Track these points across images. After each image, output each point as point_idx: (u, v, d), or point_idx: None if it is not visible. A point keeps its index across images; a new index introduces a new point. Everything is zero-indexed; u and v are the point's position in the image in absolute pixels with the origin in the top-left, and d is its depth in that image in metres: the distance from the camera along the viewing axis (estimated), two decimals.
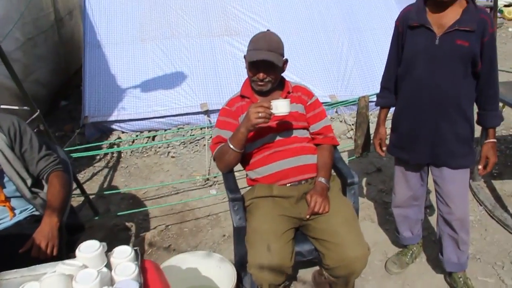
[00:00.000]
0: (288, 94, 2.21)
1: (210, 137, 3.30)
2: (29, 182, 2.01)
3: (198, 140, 4.27)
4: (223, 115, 2.21)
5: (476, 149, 2.27)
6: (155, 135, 4.25)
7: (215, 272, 2.23)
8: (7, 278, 1.41)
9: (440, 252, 2.42)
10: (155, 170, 3.93)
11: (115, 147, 4.17)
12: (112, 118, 4.15)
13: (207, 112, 4.28)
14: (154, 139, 4.24)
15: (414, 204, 2.47)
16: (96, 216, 3.19)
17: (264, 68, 2.06)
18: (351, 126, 4.34)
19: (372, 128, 2.64)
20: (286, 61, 2.18)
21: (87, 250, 1.37)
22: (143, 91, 4.27)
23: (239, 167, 2.27)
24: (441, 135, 2.12)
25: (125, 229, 3.08)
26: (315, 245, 2.03)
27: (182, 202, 3.37)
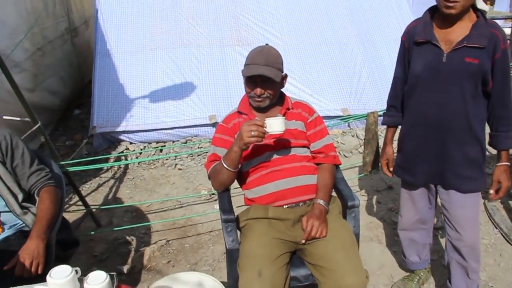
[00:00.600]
0: (287, 110, 2.12)
1: None
2: (20, 197, 1.97)
3: (206, 152, 4.22)
4: (219, 132, 2.14)
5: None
6: (163, 146, 4.21)
7: None
8: None
9: (448, 279, 2.29)
10: (161, 182, 3.88)
11: (123, 158, 4.14)
12: (120, 129, 4.13)
13: (216, 125, 4.22)
14: (162, 150, 4.20)
15: (422, 227, 2.35)
16: (98, 228, 3.15)
17: (262, 84, 1.99)
18: (363, 141, 4.21)
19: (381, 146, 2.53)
20: (286, 76, 2.09)
21: (57, 275, 1.31)
22: (152, 101, 4.25)
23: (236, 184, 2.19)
24: (448, 157, 2.00)
25: (125, 243, 3.03)
26: (312, 270, 1.92)
27: (185, 217, 3.30)
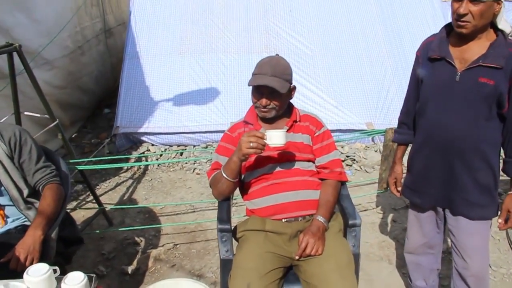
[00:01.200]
0: (294, 123, 2.09)
1: None
2: (25, 192, 2.02)
3: None
4: (223, 141, 2.12)
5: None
6: (184, 150, 4.24)
7: None
8: None
9: None
10: (177, 185, 3.91)
11: (143, 159, 4.20)
12: (142, 130, 4.20)
13: None
14: (182, 154, 4.24)
15: (429, 252, 2.25)
16: (110, 227, 3.20)
17: (268, 94, 1.96)
18: None
19: None
20: (294, 88, 2.06)
21: (34, 273, 1.33)
22: (175, 105, 4.30)
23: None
24: (457, 181, 1.90)
25: (134, 243, 3.06)
26: None
27: (196, 222, 3.31)
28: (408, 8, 4.95)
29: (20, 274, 1.65)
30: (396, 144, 2.30)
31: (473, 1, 1.65)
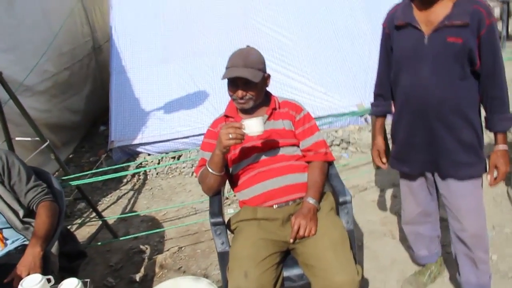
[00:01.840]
0: (273, 110, 2.11)
1: None
2: (21, 213, 2.06)
3: None
4: (207, 137, 2.16)
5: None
6: (179, 156, 4.27)
7: None
8: None
9: (458, 271, 2.19)
10: (178, 191, 3.94)
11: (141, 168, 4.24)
12: (137, 141, 4.24)
13: None
14: (179, 158, 4.27)
15: (426, 220, 2.26)
16: (114, 239, 3.24)
17: (243, 86, 1.99)
18: None
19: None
20: (268, 76, 2.08)
21: (28, 284, 1.36)
22: (166, 112, 4.33)
23: None
24: (441, 143, 1.91)
25: (140, 252, 3.09)
26: (304, 270, 1.90)
27: (199, 221, 3.34)
28: None
29: None
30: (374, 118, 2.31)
31: None
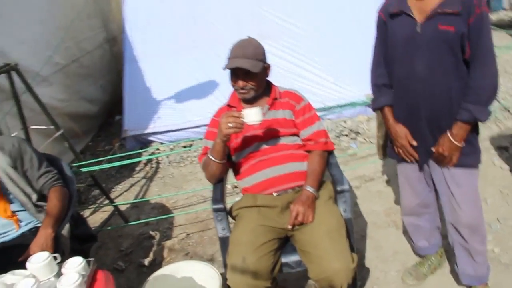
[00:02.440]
0: (274, 100, 2.17)
1: None
2: (34, 197, 2.16)
3: None
4: (210, 126, 2.23)
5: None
6: (191, 145, 4.35)
7: (203, 280, 2.19)
8: None
9: (456, 263, 2.22)
10: (189, 179, 4.03)
11: (154, 158, 4.34)
12: (149, 130, 4.34)
13: None
14: (191, 146, 4.36)
15: (425, 212, 2.29)
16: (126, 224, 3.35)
17: (244, 76, 2.05)
18: None
19: None
20: (269, 66, 2.13)
21: (35, 261, 1.46)
22: (178, 101, 4.41)
23: None
24: (437, 131, 1.93)
25: (149, 237, 3.20)
26: (301, 256, 1.96)
27: (207, 209, 3.42)
28: None
29: None
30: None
31: None
